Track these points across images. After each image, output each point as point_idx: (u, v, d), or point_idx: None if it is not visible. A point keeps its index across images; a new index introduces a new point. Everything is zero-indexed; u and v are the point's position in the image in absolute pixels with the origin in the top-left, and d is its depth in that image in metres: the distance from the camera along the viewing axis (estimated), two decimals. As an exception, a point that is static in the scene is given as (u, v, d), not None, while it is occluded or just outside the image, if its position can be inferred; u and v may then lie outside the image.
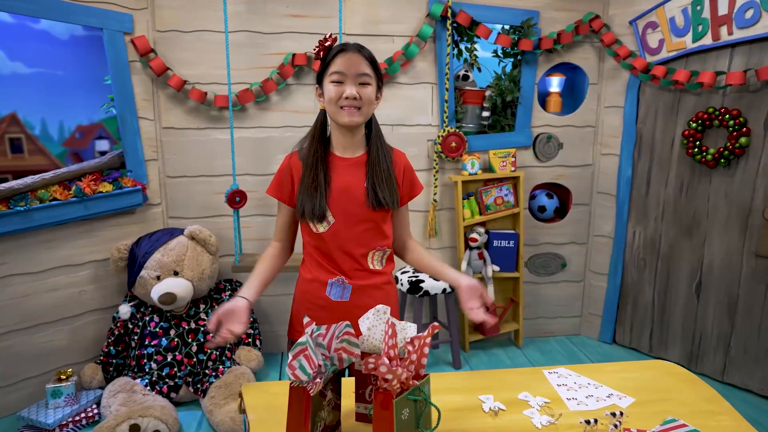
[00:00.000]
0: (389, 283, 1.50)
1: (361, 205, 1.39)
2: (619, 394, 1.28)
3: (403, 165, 1.47)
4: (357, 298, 1.43)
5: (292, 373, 0.94)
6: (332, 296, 1.43)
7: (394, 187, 1.42)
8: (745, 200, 2.50)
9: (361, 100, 1.33)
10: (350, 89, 1.31)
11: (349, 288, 1.43)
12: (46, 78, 2.55)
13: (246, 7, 2.59)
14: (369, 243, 1.43)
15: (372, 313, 1.07)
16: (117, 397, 2.23)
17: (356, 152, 1.43)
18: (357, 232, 1.40)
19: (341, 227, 1.40)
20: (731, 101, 2.49)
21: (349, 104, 1.32)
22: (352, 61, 1.32)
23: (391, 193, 1.40)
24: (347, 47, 1.34)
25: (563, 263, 3.15)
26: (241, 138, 2.68)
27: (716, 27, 2.45)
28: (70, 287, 2.43)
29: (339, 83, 1.32)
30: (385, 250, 1.47)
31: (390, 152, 1.46)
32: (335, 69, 1.32)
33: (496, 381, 1.33)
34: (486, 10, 2.75)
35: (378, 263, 1.46)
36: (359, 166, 1.41)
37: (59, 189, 2.32)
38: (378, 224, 1.43)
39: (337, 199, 1.39)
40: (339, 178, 1.40)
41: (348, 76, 1.32)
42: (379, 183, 1.38)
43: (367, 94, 1.34)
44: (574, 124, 3.01)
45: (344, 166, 1.41)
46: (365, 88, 1.33)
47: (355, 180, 1.40)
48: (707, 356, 2.73)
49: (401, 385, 0.94)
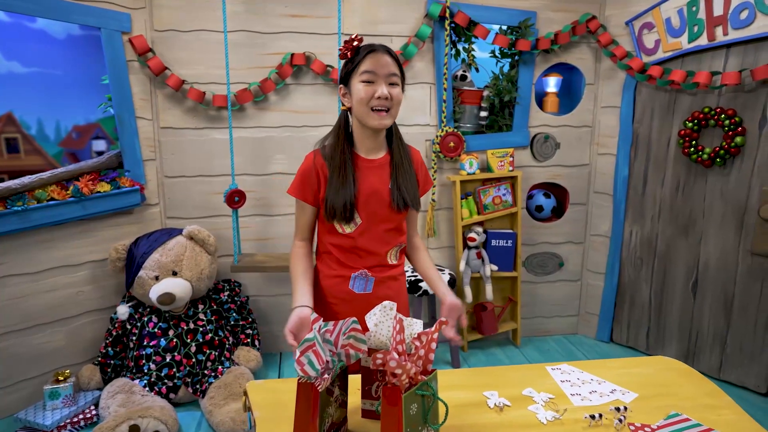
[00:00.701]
0: (402, 275, 1.57)
1: (386, 206, 1.43)
2: (623, 390, 1.29)
3: (418, 161, 1.52)
4: (378, 290, 1.48)
5: (301, 368, 0.94)
6: (356, 289, 1.47)
7: (417, 186, 1.47)
8: (740, 199, 2.53)
9: (392, 101, 1.34)
10: (382, 89, 1.32)
11: (372, 280, 1.47)
12: (43, 77, 2.53)
13: (244, 6, 2.59)
14: (391, 241, 1.47)
15: (379, 310, 1.08)
16: (116, 398, 2.22)
17: (379, 153, 1.45)
18: (381, 232, 1.44)
19: (367, 228, 1.42)
20: (726, 101, 2.52)
21: (380, 104, 1.33)
22: (382, 61, 1.33)
23: (415, 193, 1.45)
24: (376, 47, 1.35)
25: (560, 262, 3.17)
26: (240, 138, 2.68)
27: (711, 27, 2.48)
28: (68, 288, 2.41)
29: (370, 83, 1.33)
30: (402, 245, 1.52)
31: (409, 151, 1.49)
32: (366, 68, 1.32)
33: (499, 378, 1.34)
34: (484, 11, 2.77)
35: (394, 258, 1.51)
36: (383, 168, 1.44)
37: (57, 189, 2.30)
38: (400, 223, 1.48)
39: (364, 201, 1.41)
40: (366, 180, 1.41)
41: (379, 76, 1.32)
42: (405, 184, 1.42)
43: (397, 95, 1.35)
44: (571, 124, 3.02)
45: (370, 167, 1.43)
46: (394, 88, 1.35)
47: (381, 182, 1.43)
48: (703, 354, 2.75)
49: (410, 380, 0.95)
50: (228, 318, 2.67)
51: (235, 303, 2.71)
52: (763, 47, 2.36)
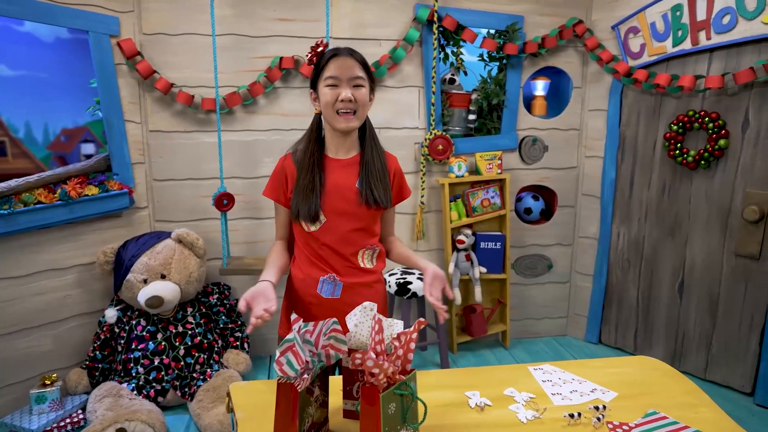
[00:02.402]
0: (379, 282, 1.55)
1: (353, 204, 1.43)
2: (603, 389, 1.30)
3: (394, 168, 1.52)
4: (347, 296, 1.46)
5: (280, 368, 0.95)
6: (323, 293, 1.47)
7: (388, 186, 1.47)
8: (724, 201, 2.56)
9: (356, 103, 1.37)
10: (345, 92, 1.35)
11: (340, 285, 1.46)
12: (31, 81, 2.53)
13: (233, 10, 2.60)
14: (359, 242, 1.47)
15: (359, 310, 1.09)
16: (103, 402, 2.21)
17: (349, 153, 1.47)
18: (346, 231, 1.44)
19: (332, 226, 1.43)
20: (710, 104, 2.55)
21: (344, 107, 1.36)
22: (345, 64, 1.36)
23: (385, 191, 1.45)
24: (339, 52, 1.38)
25: (549, 264, 3.19)
26: (229, 141, 2.68)
27: (695, 32, 2.52)
28: (56, 291, 2.40)
29: (334, 87, 1.36)
30: (375, 249, 1.51)
31: (383, 153, 1.51)
32: (329, 74, 1.37)
33: (482, 378, 1.35)
34: (472, 15, 2.79)
35: (368, 261, 1.50)
36: (352, 166, 1.45)
37: (44, 192, 2.30)
38: (368, 223, 1.47)
39: (328, 198, 1.42)
40: (330, 178, 1.44)
41: (342, 80, 1.36)
42: (374, 182, 1.43)
43: (361, 96, 1.38)
44: (558, 127, 3.05)
45: (337, 166, 1.45)
46: (359, 90, 1.37)
47: (347, 179, 1.44)
48: (690, 354, 2.78)
49: (388, 379, 0.95)
50: (217, 321, 2.67)
51: (225, 306, 2.71)
52: (745, 51, 2.40)
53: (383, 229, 1.57)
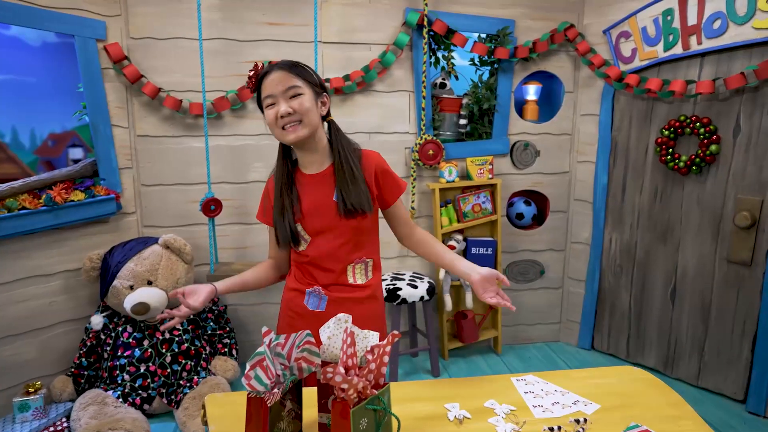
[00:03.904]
0: (372, 298, 1.47)
1: (333, 218, 1.38)
2: (585, 401, 1.28)
3: (374, 166, 1.42)
4: (334, 310, 1.41)
5: (248, 383, 0.93)
6: (309, 306, 1.45)
7: (363, 190, 1.37)
8: (716, 207, 2.54)
9: (297, 114, 1.31)
10: (282, 107, 1.30)
11: (325, 299, 1.43)
12: (17, 85, 2.51)
13: (222, 14, 2.58)
14: (346, 257, 1.41)
15: (333, 322, 1.06)
16: (87, 410, 2.19)
17: (322, 166, 1.41)
18: (332, 248, 1.40)
19: (317, 245, 1.40)
20: (702, 109, 2.54)
21: (287, 122, 1.31)
22: (276, 79, 1.31)
23: (359, 196, 1.36)
24: (270, 69, 1.34)
25: (542, 270, 3.17)
26: (218, 146, 2.66)
27: (686, 37, 2.50)
28: (40, 298, 2.38)
29: (272, 105, 1.33)
30: (366, 262, 1.45)
31: (357, 156, 1.41)
32: (264, 94, 1.34)
33: (464, 389, 1.33)
34: (462, 19, 2.78)
35: (361, 277, 1.44)
36: (326, 179, 1.40)
37: (29, 198, 2.28)
38: (355, 236, 1.40)
39: (308, 216, 1.39)
40: (308, 196, 1.40)
41: (277, 96, 1.31)
42: (346, 190, 1.36)
43: (301, 104, 1.31)
44: (550, 131, 3.03)
45: (312, 183, 1.41)
46: (297, 99, 1.31)
47: (324, 194, 1.39)
48: (682, 361, 2.76)
49: (359, 394, 0.93)
50: (205, 327, 2.65)
51: (213, 312, 2.68)
52: (736, 56, 2.38)
53: (399, 229, 1.49)
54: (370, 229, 1.44)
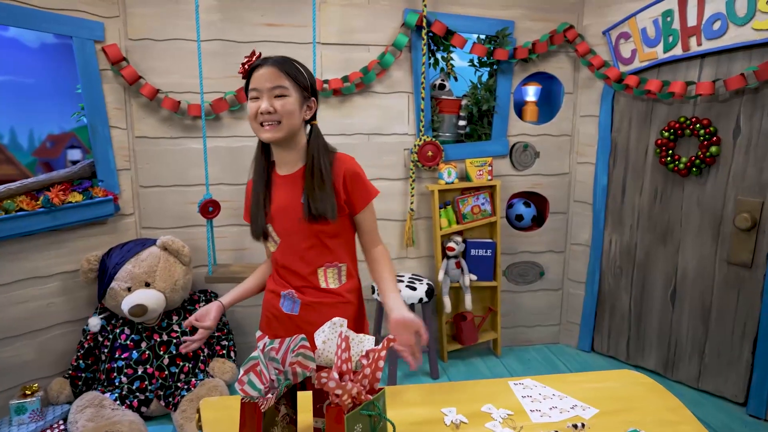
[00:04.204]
0: (345, 303, 1.44)
1: (299, 221, 1.36)
2: (583, 405, 1.27)
3: (343, 171, 1.37)
4: (307, 314, 1.42)
5: (241, 388, 0.92)
6: (284, 308, 1.45)
7: (329, 195, 1.34)
8: (716, 208, 2.53)
9: (277, 114, 1.30)
10: (264, 104, 1.29)
11: (298, 302, 1.43)
12: (16, 86, 2.50)
13: (220, 15, 2.57)
14: (315, 260, 1.40)
15: (328, 326, 1.06)
16: (84, 413, 2.18)
17: (295, 167, 1.39)
18: (301, 250, 1.39)
19: (285, 245, 1.40)
20: (702, 111, 2.53)
21: (266, 119, 1.30)
22: (266, 75, 1.29)
23: (324, 202, 1.33)
24: (264, 62, 1.32)
25: (541, 272, 3.15)
26: (216, 147, 2.66)
27: (686, 38, 2.49)
28: (38, 300, 2.37)
29: (255, 99, 1.31)
30: (339, 266, 1.42)
31: (329, 160, 1.37)
32: (251, 86, 1.32)
33: (459, 393, 1.32)
34: (461, 20, 2.77)
35: (333, 281, 1.42)
36: (297, 181, 1.38)
37: (26, 199, 2.27)
38: (321, 239, 1.38)
39: (277, 217, 1.39)
40: (277, 196, 1.40)
41: (263, 91, 1.30)
42: (312, 194, 1.33)
43: (284, 106, 1.30)
44: (550, 133, 3.02)
45: (283, 183, 1.40)
46: (281, 100, 1.30)
47: (292, 196, 1.37)
48: (682, 363, 2.74)
49: (353, 400, 0.92)
50: (203, 329, 2.63)
51: (211, 314, 2.67)
52: (736, 58, 2.37)
53: (361, 238, 1.46)
54: (338, 234, 1.40)
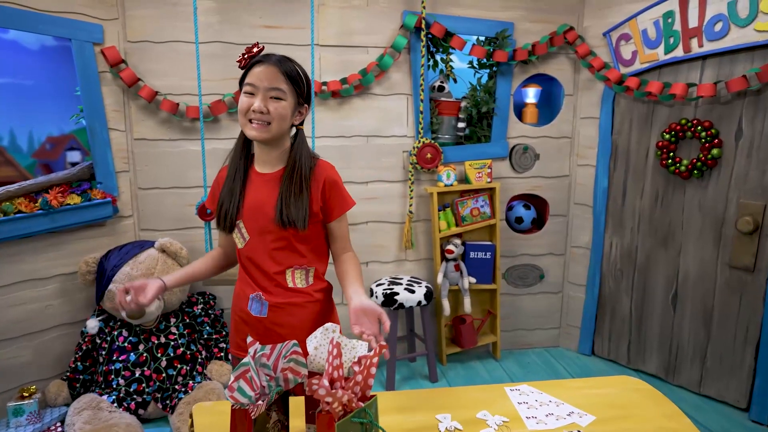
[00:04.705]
0: (315, 302, 1.43)
1: (271, 222, 1.35)
2: (580, 412, 1.25)
3: (323, 179, 1.36)
4: (275, 316, 1.40)
5: (231, 395, 0.91)
6: (252, 311, 1.42)
7: (303, 204, 1.33)
8: (718, 211, 2.51)
9: (269, 115, 1.29)
10: (257, 103, 1.28)
11: (266, 304, 1.40)
12: (15, 88, 2.50)
13: (219, 17, 2.57)
14: (284, 261, 1.38)
15: (320, 332, 1.05)
16: (82, 415, 2.18)
17: (275, 167, 1.38)
18: (270, 249, 1.37)
19: (255, 243, 1.38)
20: (703, 113, 2.51)
21: (256, 118, 1.29)
22: (265, 74, 1.28)
23: (297, 210, 1.31)
24: (266, 59, 1.30)
25: (541, 274, 3.14)
26: (214, 149, 2.65)
27: (687, 39, 2.47)
28: (36, 302, 2.37)
29: (250, 95, 1.29)
30: (308, 269, 1.41)
31: (309, 167, 1.36)
32: (248, 80, 1.30)
33: (456, 399, 1.31)
34: (460, 22, 2.76)
35: (301, 281, 1.41)
36: (275, 182, 1.36)
37: (24, 201, 2.27)
38: (291, 242, 1.37)
39: (249, 214, 1.37)
40: (252, 193, 1.37)
41: (259, 89, 1.28)
42: (286, 201, 1.32)
43: (277, 109, 1.29)
44: (550, 135, 3.01)
45: (260, 181, 1.38)
46: (276, 102, 1.29)
47: (268, 196, 1.35)
48: (684, 367, 2.72)
49: (344, 407, 0.91)
50: (201, 331, 2.63)
51: (209, 316, 2.66)
52: (738, 59, 2.35)
53: (332, 245, 1.44)
54: (309, 239, 1.39)
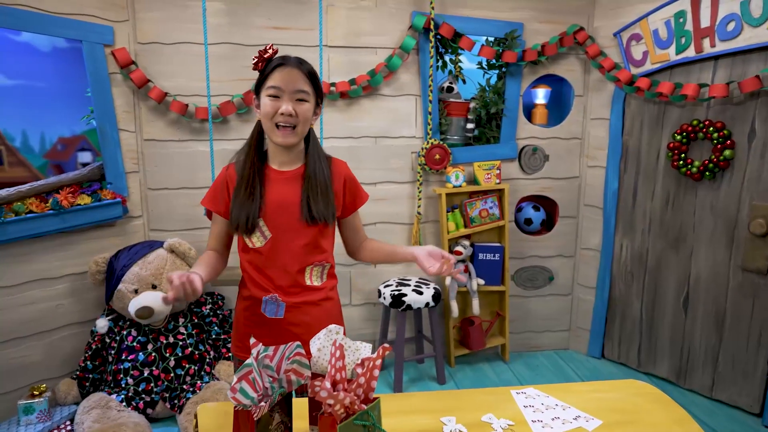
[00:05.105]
0: (328, 299, 1.45)
1: (296, 219, 1.36)
2: (587, 416, 1.24)
3: (343, 175, 1.43)
4: (292, 315, 1.40)
5: (233, 396, 0.91)
6: (267, 313, 1.41)
7: (331, 200, 1.38)
8: (730, 213, 2.47)
9: (297, 118, 1.31)
10: (286, 106, 1.29)
11: (282, 305, 1.39)
12: (28, 90, 2.53)
13: (228, 19, 2.58)
14: (305, 259, 1.39)
15: (323, 334, 1.04)
16: (91, 414, 2.19)
17: (293, 164, 1.40)
18: (293, 248, 1.37)
19: (278, 242, 1.37)
20: (715, 113, 2.47)
21: (284, 121, 1.30)
22: (290, 76, 1.29)
23: (326, 206, 1.36)
24: (287, 61, 1.31)
25: (550, 276, 3.11)
26: (223, 150, 2.66)
27: (699, 39, 2.44)
28: (47, 301, 2.39)
29: (275, 98, 1.30)
30: (324, 265, 1.44)
31: (328, 164, 1.41)
32: (272, 83, 1.30)
33: (460, 401, 1.30)
34: (469, 22, 2.74)
35: (317, 279, 1.43)
36: (296, 180, 1.38)
37: (35, 201, 2.29)
38: (315, 239, 1.39)
39: (272, 213, 1.36)
40: (274, 191, 1.37)
41: (285, 92, 1.29)
42: (314, 197, 1.35)
43: (304, 112, 1.31)
44: (560, 136, 2.98)
45: (280, 179, 1.38)
46: (302, 105, 1.31)
47: (290, 194, 1.36)
48: (696, 372, 2.68)
49: (346, 409, 0.91)
50: (209, 332, 2.64)
51: (218, 316, 2.68)
52: (751, 59, 2.32)
53: (352, 239, 1.50)
54: (329, 234, 1.43)
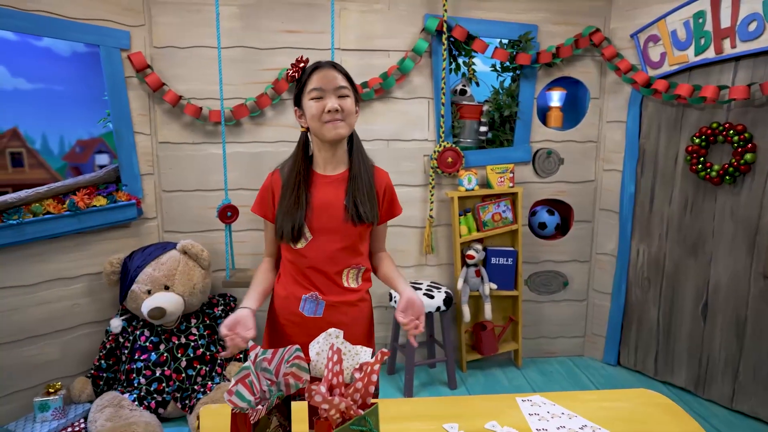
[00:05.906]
0: (363, 301, 1.50)
1: (340, 221, 1.40)
2: (594, 426, 1.21)
3: (384, 183, 1.48)
4: (330, 315, 1.43)
5: (229, 399, 0.91)
6: (306, 312, 1.43)
7: (375, 202, 1.43)
8: (751, 219, 2.40)
9: (344, 112, 1.35)
10: (331, 102, 1.33)
11: (322, 304, 1.43)
12: (48, 93, 2.59)
13: (241, 23, 2.61)
14: (344, 261, 1.43)
15: (322, 337, 1.04)
16: (103, 412, 2.23)
17: (337, 169, 1.44)
18: (333, 250, 1.41)
19: (318, 244, 1.40)
20: (736, 116, 2.41)
21: (332, 117, 1.34)
22: (328, 76, 1.35)
23: (372, 207, 1.41)
24: (321, 64, 1.38)
25: (565, 282, 3.06)
26: (236, 153, 2.69)
27: (719, 40, 2.38)
28: (63, 300, 2.44)
29: (319, 99, 1.34)
30: (360, 268, 1.47)
31: (372, 168, 1.47)
32: (313, 86, 1.35)
33: (464, 408, 1.28)
34: (483, 25, 2.72)
35: (353, 281, 1.47)
36: (340, 183, 1.42)
37: (53, 203, 2.34)
38: (354, 241, 1.43)
39: (316, 215, 1.40)
40: (318, 194, 1.41)
41: (327, 91, 1.34)
42: (361, 197, 1.39)
43: (348, 106, 1.36)
44: (575, 139, 2.94)
45: (325, 183, 1.42)
46: (345, 100, 1.36)
47: (335, 196, 1.40)
48: (715, 381, 2.61)
49: (342, 415, 0.90)
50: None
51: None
52: (773, 60, 2.25)
53: (373, 244, 1.53)
54: (366, 238, 1.48)
